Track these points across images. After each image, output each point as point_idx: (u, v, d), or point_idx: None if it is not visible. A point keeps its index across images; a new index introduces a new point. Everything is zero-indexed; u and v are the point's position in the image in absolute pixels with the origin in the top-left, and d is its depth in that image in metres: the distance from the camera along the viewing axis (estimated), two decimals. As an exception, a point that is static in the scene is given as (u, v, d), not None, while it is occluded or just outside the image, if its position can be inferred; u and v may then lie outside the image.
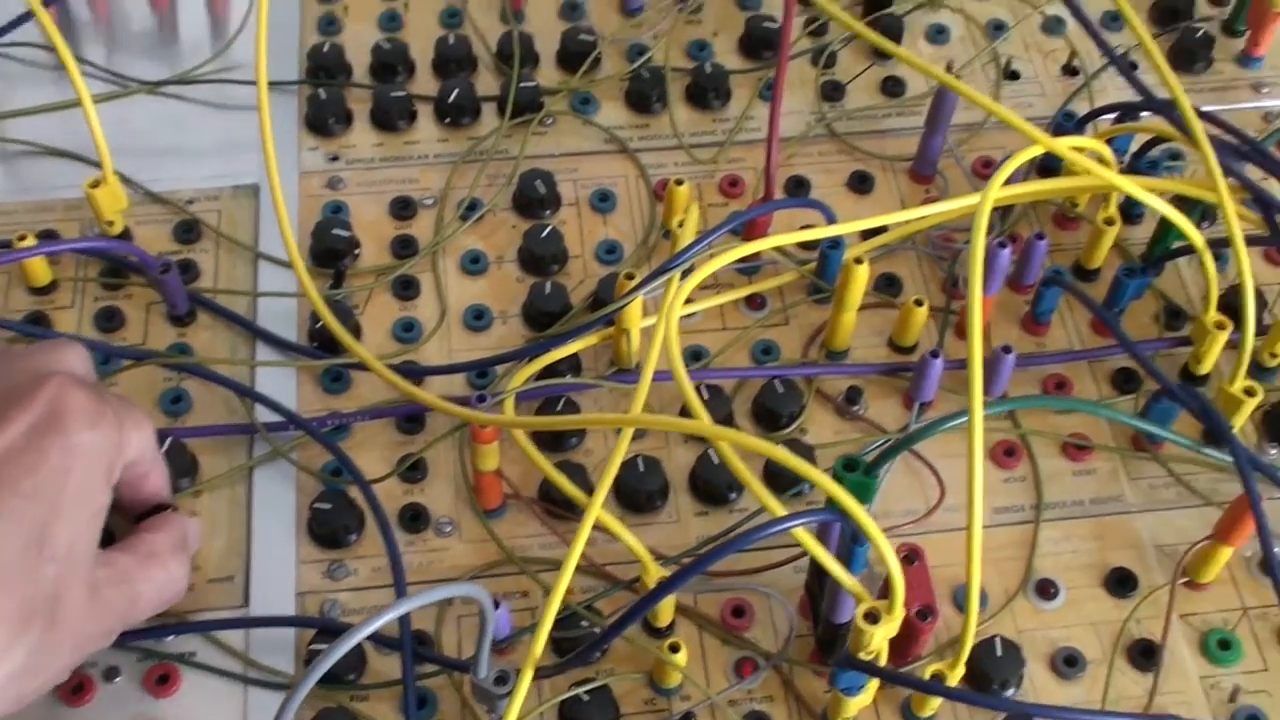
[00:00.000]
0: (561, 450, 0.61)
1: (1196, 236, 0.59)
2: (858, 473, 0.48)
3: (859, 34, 0.64)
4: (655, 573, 0.53)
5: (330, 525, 0.58)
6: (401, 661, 0.53)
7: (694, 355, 0.64)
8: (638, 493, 0.59)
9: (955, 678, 0.50)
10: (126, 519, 0.54)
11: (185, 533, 0.54)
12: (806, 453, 0.60)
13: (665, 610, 0.55)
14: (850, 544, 0.48)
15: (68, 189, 0.70)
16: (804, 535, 0.47)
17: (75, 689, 0.54)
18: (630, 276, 0.60)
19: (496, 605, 0.51)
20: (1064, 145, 0.59)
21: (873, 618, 0.46)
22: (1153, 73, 0.64)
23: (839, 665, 0.49)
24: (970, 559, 0.48)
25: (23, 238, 0.63)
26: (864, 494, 0.48)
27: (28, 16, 0.75)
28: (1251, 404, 0.58)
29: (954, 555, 0.58)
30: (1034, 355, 0.64)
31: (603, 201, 0.70)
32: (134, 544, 0.52)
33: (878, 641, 0.47)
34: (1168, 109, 0.63)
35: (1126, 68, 0.67)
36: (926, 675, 0.50)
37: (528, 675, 0.48)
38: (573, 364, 0.63)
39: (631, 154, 0.72)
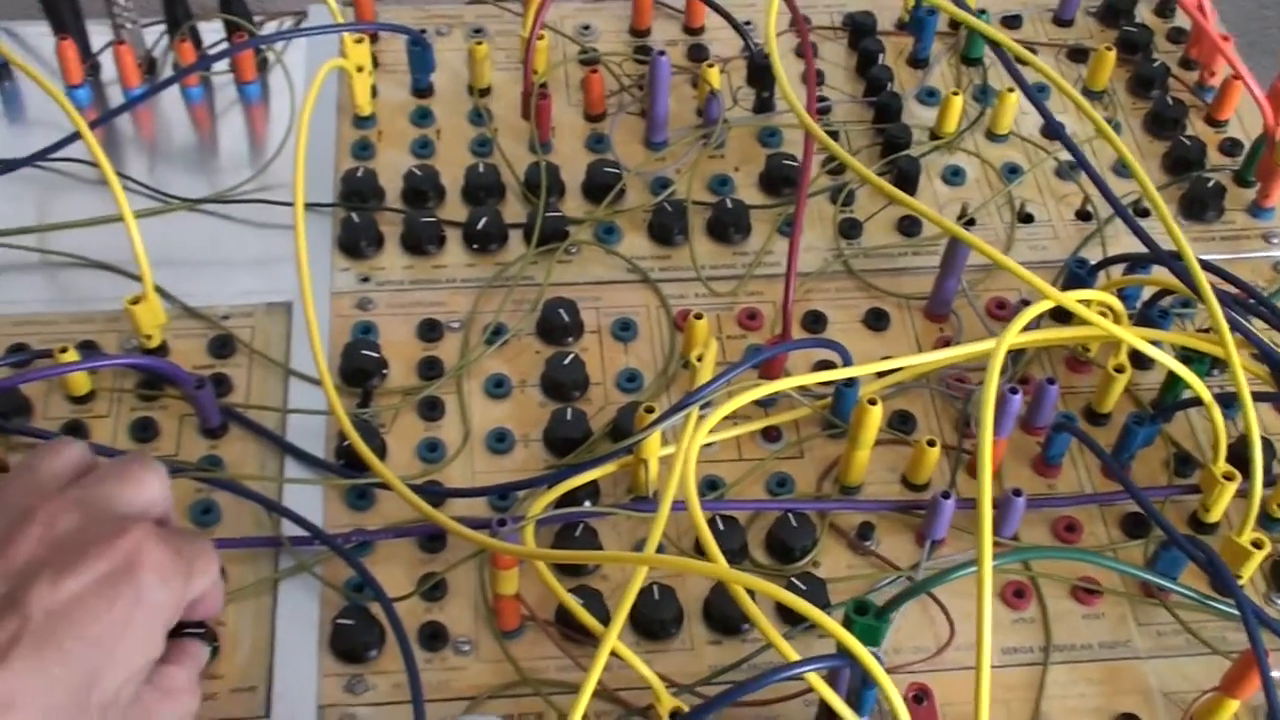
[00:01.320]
0: (579, 575, 0.62)
1: (1204, 391, 0.60)
2: (869, 616, 0.50)
3: (873, 184, 0.66)
4: (667, 703, 0.54)
5: (352, 641, 0.59)
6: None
7: (710, 485, 0.66)
8: (652, 621, 0.60)
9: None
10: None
11: (201, 662, 0.55)
12: (819, 587, 0.61)
13: (679, 741, 0.56)
14: (860, 686, 0.49)
15: (109, 301, 0.72)
16: (815, 679, 0.48)
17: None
18: (650, 410, 0.61)
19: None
20: (1072, 299, 0.61)
21: (882, 759, 0.47)
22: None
23: (848, 802, 0.50)
24: (978, 702, 0.49)
25: (64, 349, 0.66)
26: (874, 637, 0.49)
27: (76, 136, 0.78)
28: (1259, 556, 0.59)
29: (963, 694, 0.59)
30: (1045, 497, 0.66)
31: (624, 330, 0.72)
32: (157, 679, 0.52)
33: (887, 781, 0.48)
34: (1174, 261, 0.65)
35: (1133, 220, 0.69)
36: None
37: (540, 803, 0.49)
38: (592, 489, 0.65)
39: (653, 284, 0.74)
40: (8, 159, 0.78)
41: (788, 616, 0.61)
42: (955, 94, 0.80)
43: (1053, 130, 0.75)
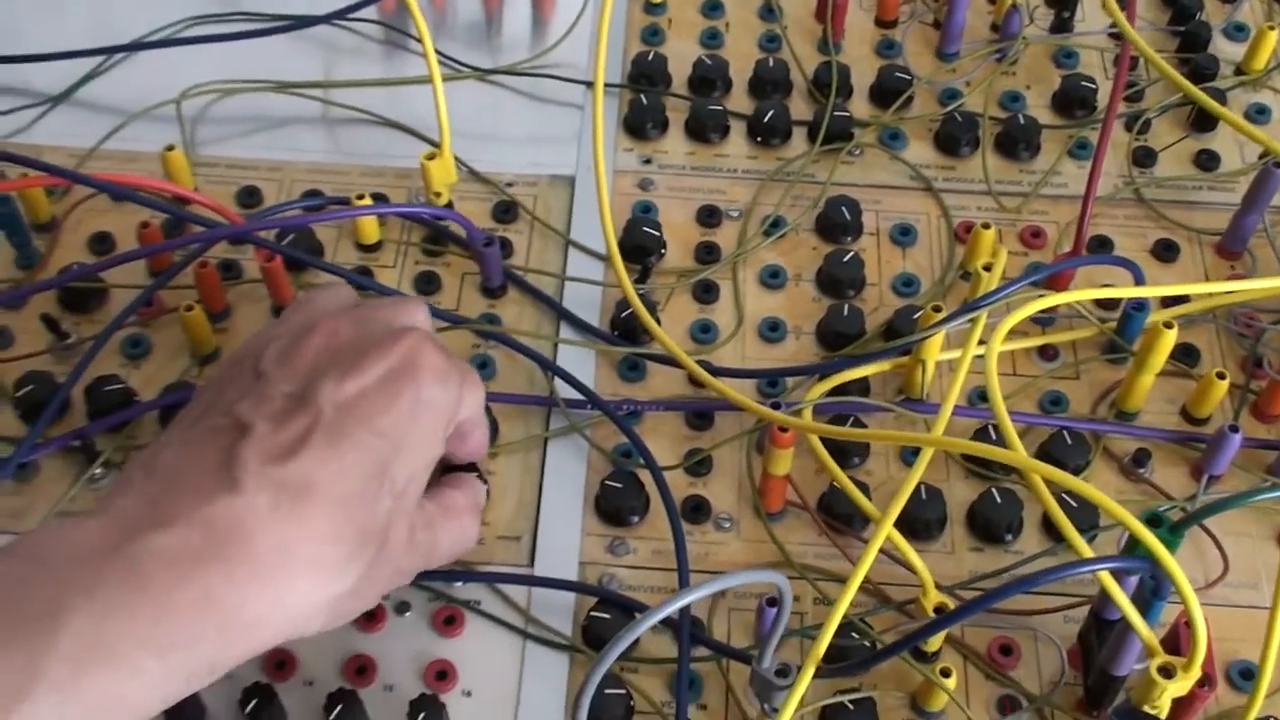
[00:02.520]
0: (844, 468, 0.62)
1: None
2: (1162, 529, 0.48)
3: (1196, 99, 0.64)
4: (935, 598, 0.54)
5: (617, 503, 0.60)
6: (678, 642, 0.55)
7: (981, 396, 0.65)
8: (917, 519, 0.60)
9: (1232, 748, 0.50)
10: (435, 469, 0.57)
11: (480, 496, 0.57)
12: (1090, 509, 0.60)
13: (936, 637, 0.56)
14: (1149, 597, 0.48)
15: (396, 158, 0.75)
16: (1108, 580, 0.47)
17: (369, 617, 0.57)
18: (938, 309, 0.61)
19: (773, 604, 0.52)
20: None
21: (1167, 673, 0.46)
22: None
23: (1119, 715, 0.49)
24: (1270, 638, 0.47)
25: (361, 196, 0.68)
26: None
27: (379, -2, 0.80)
28: None
29: (1229, 631, 0.58)
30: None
31: (903, 235, 0.71)
32: (439, 497, 0.55)
33: (1168, 697, 0.47)
34: None
35: None
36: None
37: (809, 671, 0.50)
38: (862, 387, 0.65)
39: (936, 193, 0.73)
40: (304, 14, 0.80)
41: (1052, 534, 0.61)
42: (1271, 28, 0.76)
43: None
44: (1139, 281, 0.65)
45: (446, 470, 0.58)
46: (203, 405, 0.51)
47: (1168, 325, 0.60)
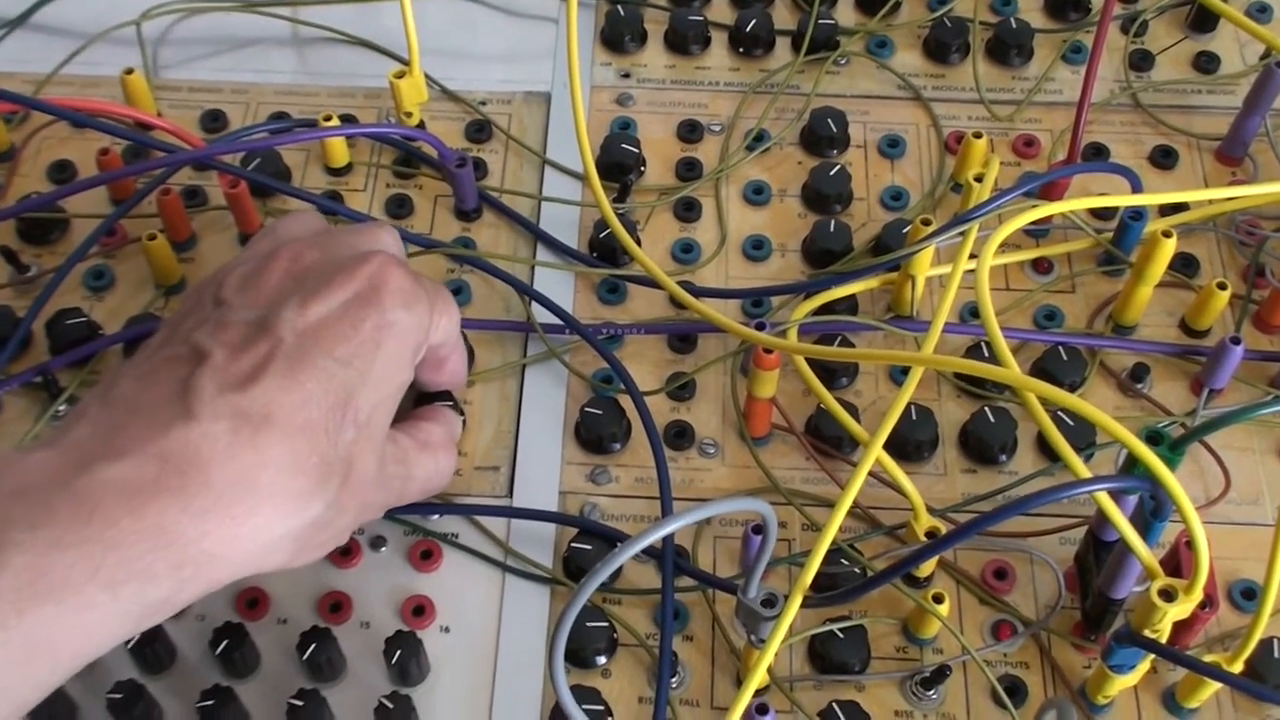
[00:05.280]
0: (831, 388, 0.60)
1: None
2: (1162, 447, 0.47)
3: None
4: (926, 522, 0.53)
5: (598, 431, 0.58)
6: (661, 572, 0.53)
7: (972, 312, 0.63)
8: (907, 441, 0.58)
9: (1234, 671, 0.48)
10: (408, 398, 0.55)
11: (455, 428, 0.56)
12: (1086, 426, 0.58)
13: (929, 562, 0.54)
14: (1150, 518, 0.46)
15: (366, 78, 0.72)
16: (1105, 501, 0.45)
17: (344, 552, 0.55)
18: (927, 222, 0.58)
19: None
20: None
21: (1168, 595, 0.45)
22: None
23: (1118, 640, 0.47)
24: (1274, 558, 0.45)
25: (328, 118, 0.65)
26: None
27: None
28: None
29: (1230, 550, 0.56)
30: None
31: (892, 147, 0.69)
32: (412, 429, 0.53)
33: (1169, 620, 0.45)
34: None
35: None
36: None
37: (796, 600, 0.48)
38: (849, 305, 0.62)
39: (925, 103, 0.71)
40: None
41: (1047, 454, 0.59)
42: (1273, -77, 0.73)
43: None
44: (1136, 189, 0.63)
45: (420, 400, 0.56)
46: (163, 335, 0.49)
47: (1166, 235, 0.57)
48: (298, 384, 0.45)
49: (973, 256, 0.58)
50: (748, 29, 0.72)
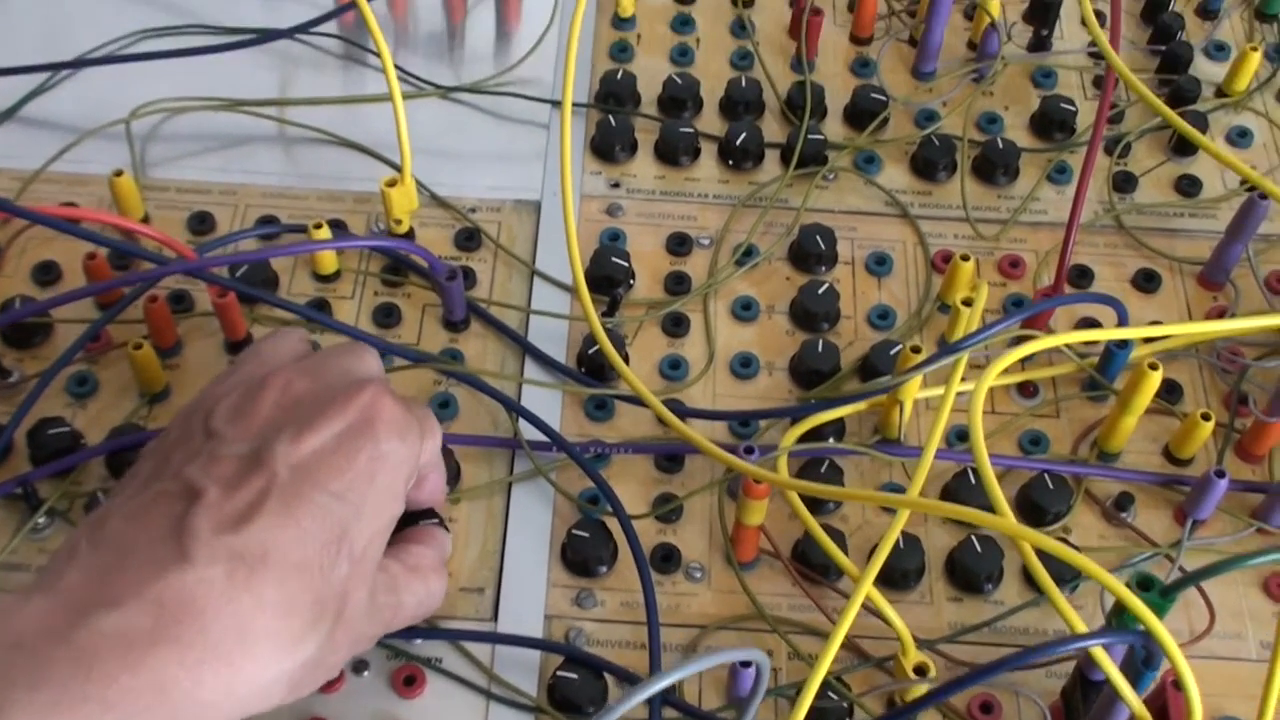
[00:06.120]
0: (819, 513, 0.60)
1: None
2: (1153, 593, 0.47)
3: (1175, 125, 0.63)
4: (914, 657, 0.52)
5: (585, 554, 0.58)
6: (649, 710, 0.53)
7: (959, 436, 0.63)
8: (894, 569, 0.58)
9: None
10: (393, 519, 0.55)
11: (445, 549, 0.55)
12: (1073, 555, 0.58)
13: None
14: (1140, 666, 0.46)
15: (356, 180, 0.72)
16: (1102, 657, 0.45)
17: (326, 678, 0.54)
18: (917, 350, 0.59)
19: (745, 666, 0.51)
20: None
21: (1157, 745, 0.45)
22: None
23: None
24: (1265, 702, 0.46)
25: (318, 225, 0.65)
26: (1155, 616, 0.46)
27: (339, 11, 0.77)
28: None
29: (1213, 685, 0.56)
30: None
31: (879, 264, 0.69)
32: (402, 554, 0.53)
33: (1156, 767, 0.45)
34: None
35: None
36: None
37: (787, 746, 0.47)
38: (837, 427, 0.63)
39: (912, 220, 0.71)
40: (268, 29, 0.77)
41: (1034, 583, 0.59)
42: (1254, 49, 0.74)
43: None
44: (1122, 319, 0.63)
45: (405, 518, 0.55)
46: (151, 466, 0.48)
47: (1152, 366, 0.58)
48: (293, 521, 0.45)
49: (963, 379, 0.59)
50: (737, 142, 0.72)
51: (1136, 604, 0.43)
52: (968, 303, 0.62)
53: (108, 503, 0.47)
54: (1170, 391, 0.65)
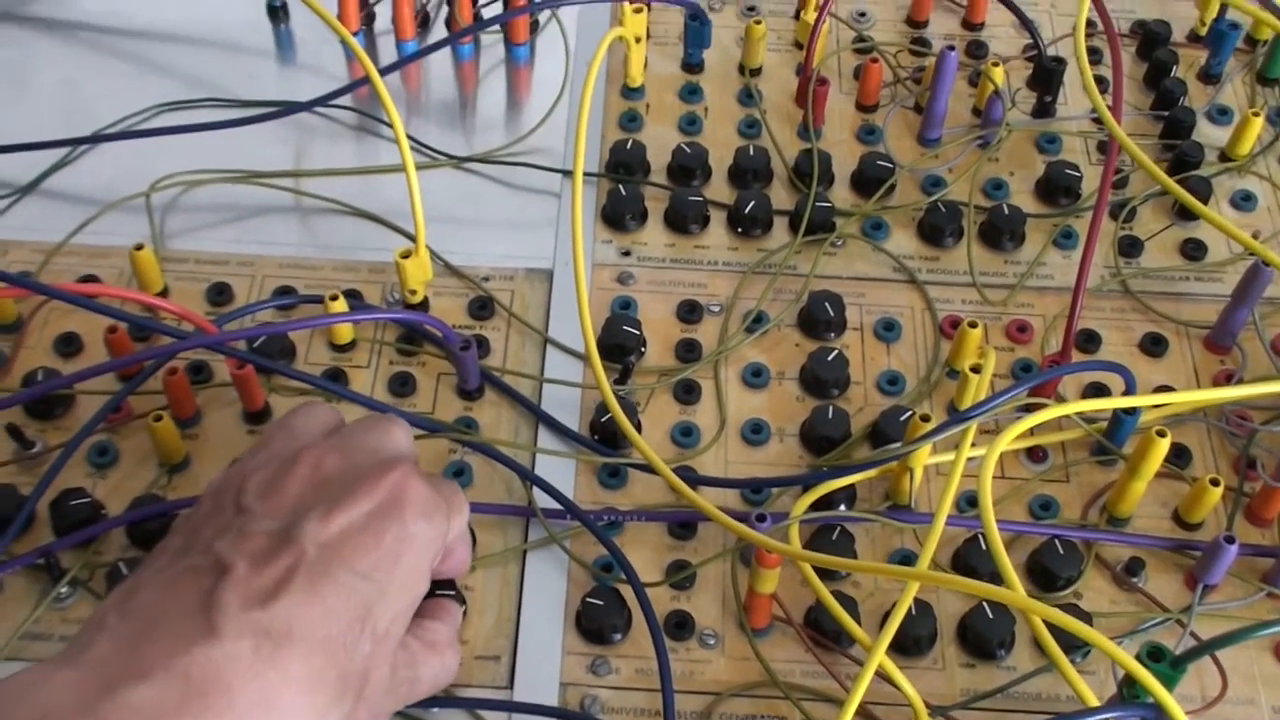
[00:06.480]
0: (831, 580, 0.60)
1: None
2: (1164, 664, 0.47)
3: (1175, 194, 0.63)
4: (927, 726, 0.53)
5: (599, 621, 0.58)
6: (662, 774, 0.53)
7: (969, 501, 0.64)
8: (906, 636, 0.58)
9: None
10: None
11: (458, 622, 0.56)
12: (1085, 620, 0.58)
13: (929, 764, 0.54)
14: (1151, 736, 0.47)
15: (370, 251, 0.73)
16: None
17: (344, 749, 0.55)
18: (926, 418, 0.59)
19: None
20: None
21: (1170, 817, 0.45)
22: None
23: None
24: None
25: (335, 297, 0.66)
26: (1168, 687, 0.46)
27: (354, 86, 0.78)
28: None
29: (1232, 752, 0.56)
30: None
31: (887, 330, 0.70)
32: (419, 630, 0.53)
33: (1169, 840, 0.46)
34: None
35: None
36: None
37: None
38: (849, 492, 0.63)
39: (920, 285, 0.72)
40: (289, 101, 0.79)
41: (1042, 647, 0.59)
42: (1255, 114, 0.75)
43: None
44: (1129, 386, 0.64)
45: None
46: (181, 540, 0.49)
47: (1160, 433, 0.59)
48: (319, 598, 0.45)
49: (972, 445, 0.59)
50: (746, 209, 0.73)
51: (1147, 677, 0.43)
52: (976, 369, 0.62)
53: (137, 575, 0.48)
54: (1179, 456, 0.65)
